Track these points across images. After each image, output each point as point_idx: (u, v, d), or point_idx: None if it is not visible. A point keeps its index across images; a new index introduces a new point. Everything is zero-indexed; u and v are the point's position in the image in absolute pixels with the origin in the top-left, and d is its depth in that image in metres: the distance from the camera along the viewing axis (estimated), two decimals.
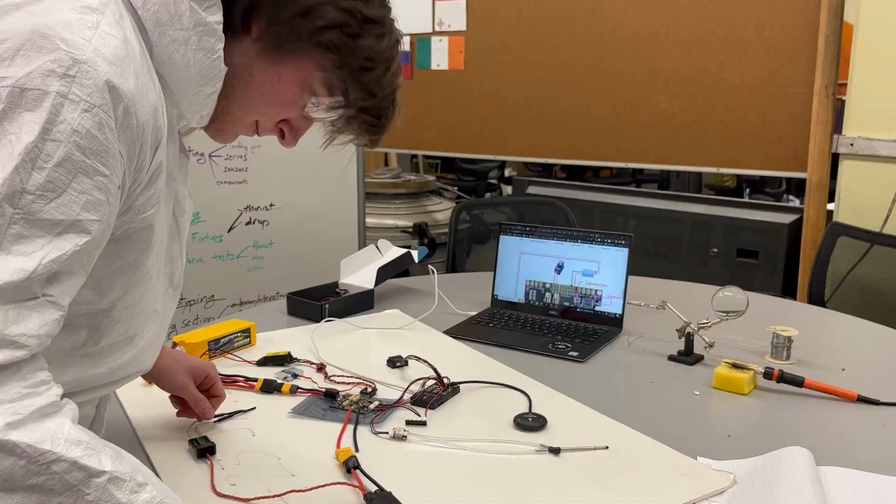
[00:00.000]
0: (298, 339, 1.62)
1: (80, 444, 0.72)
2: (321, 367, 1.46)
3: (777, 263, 2.96)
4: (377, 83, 0.92)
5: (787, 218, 2.98)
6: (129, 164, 0.78)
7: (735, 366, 1.41)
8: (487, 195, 5.89)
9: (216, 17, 0.84)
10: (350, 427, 1.20)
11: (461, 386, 1.36)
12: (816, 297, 2.28)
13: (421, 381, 1.36)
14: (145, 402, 1.27)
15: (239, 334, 1.56)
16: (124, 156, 0.77)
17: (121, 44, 0.76)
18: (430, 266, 1.98)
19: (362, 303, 1.86)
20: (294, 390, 1.34)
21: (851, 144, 2.64)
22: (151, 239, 0.87)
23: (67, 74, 0.71)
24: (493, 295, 1.89)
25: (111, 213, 0.78)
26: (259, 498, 1.00)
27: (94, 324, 0.87)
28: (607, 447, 1.15)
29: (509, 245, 1.87)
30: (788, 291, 2.93)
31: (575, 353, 1.56)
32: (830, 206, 2.79)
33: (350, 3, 0.88)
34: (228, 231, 2.55)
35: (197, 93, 0.87)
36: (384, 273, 1.94)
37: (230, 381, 1.37)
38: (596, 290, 1.76)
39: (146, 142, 0.79)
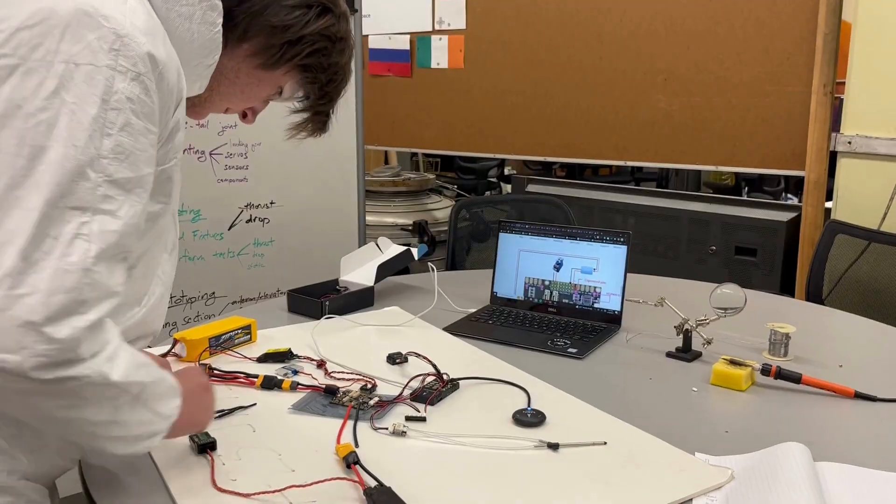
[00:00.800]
0: (299, 335, 1.63)
1: (142, 367, 0.87)
2: (321, 364, 1.46)
3: (775, 261, 2.96)
4: (336, 90, 1.09)
5: (785, 216, 2.99)
6: (161, 122, 0.88)
7: (733, 362, 1.42)
8: (487, 193, 5.90)
9: None
10: (350, 423, 1.21)
11: (460, 382, 1.37)
12: (814, 295, 2.29)
13: (420, 378, 1.37)
14: None
15: (239, 331, 1.56)
16: (158, 115, 0.87)
17: (147, 16, 0.85)
18: (429, 263, 1.99)
19: (362, 300, 1.87)
20: (294, 387, 1.35)
21: (849, 142, 2.64)
22: (171, 191, 0.96)
23: (113, 48, 0.81)
24: (492, 292, 1.89)
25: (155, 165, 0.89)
26: (259, 493, 1.00)
27: None
28: (605, 443, 1.16)
29: (509, 243, 1.88)
30: (786, 289, 2.94)
31: (573, 350, 1.57)
32: (828, 204, 2.80)
33: (329, 29, 1.02)
34: (229, 229, 2.55)
35: (197, 64, 0.95)
36: (384, 270, 1.94)
37: (231, 377, 1.38)
38: (595, 288, 1.77)
39: (172, 102, 0.89)
